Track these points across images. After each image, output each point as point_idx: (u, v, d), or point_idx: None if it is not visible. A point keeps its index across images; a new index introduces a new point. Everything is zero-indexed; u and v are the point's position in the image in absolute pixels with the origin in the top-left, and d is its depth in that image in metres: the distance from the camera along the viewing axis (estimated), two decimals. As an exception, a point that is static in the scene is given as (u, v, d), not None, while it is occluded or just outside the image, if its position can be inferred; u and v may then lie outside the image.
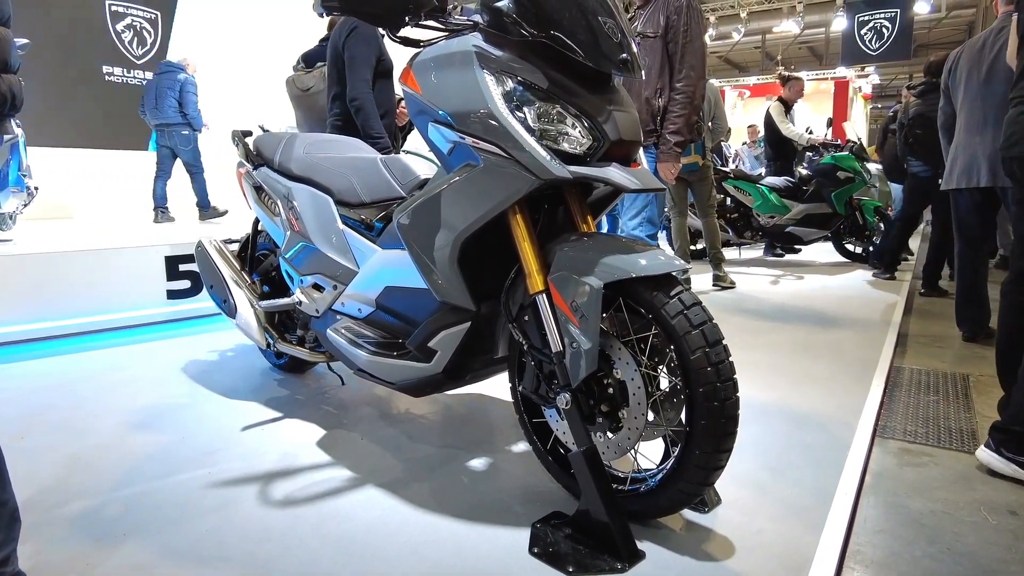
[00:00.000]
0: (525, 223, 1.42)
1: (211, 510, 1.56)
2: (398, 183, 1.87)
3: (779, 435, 2.00)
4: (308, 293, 2.00)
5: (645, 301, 1.31)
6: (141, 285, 3.53)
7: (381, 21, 1.41)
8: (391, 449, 1.91)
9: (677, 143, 2.60)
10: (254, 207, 2.31)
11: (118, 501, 1.60)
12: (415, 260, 1.51)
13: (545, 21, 1.33)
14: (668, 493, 1.34)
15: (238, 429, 2.07)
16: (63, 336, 3.22)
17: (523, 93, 1.34)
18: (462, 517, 1.51)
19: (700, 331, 1.26)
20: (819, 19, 15.03)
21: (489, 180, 1.37)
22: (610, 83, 1.45)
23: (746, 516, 1.51)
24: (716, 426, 1.25)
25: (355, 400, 2.35)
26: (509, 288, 1.51)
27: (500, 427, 2.06)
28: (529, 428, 1.60)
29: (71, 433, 2.05)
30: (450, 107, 1.40)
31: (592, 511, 1.33)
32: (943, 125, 3.34)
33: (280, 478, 1.73)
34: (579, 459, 1.33)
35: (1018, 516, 1.56)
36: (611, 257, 1.31)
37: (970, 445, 1.96)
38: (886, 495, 1.66)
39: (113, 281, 3.43)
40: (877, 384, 2.47)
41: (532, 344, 1.47)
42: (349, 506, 1.57)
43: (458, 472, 1.75)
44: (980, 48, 3.03)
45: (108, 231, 5.00)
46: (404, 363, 1.65)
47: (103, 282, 3.39)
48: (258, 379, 2.61)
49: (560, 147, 1.34)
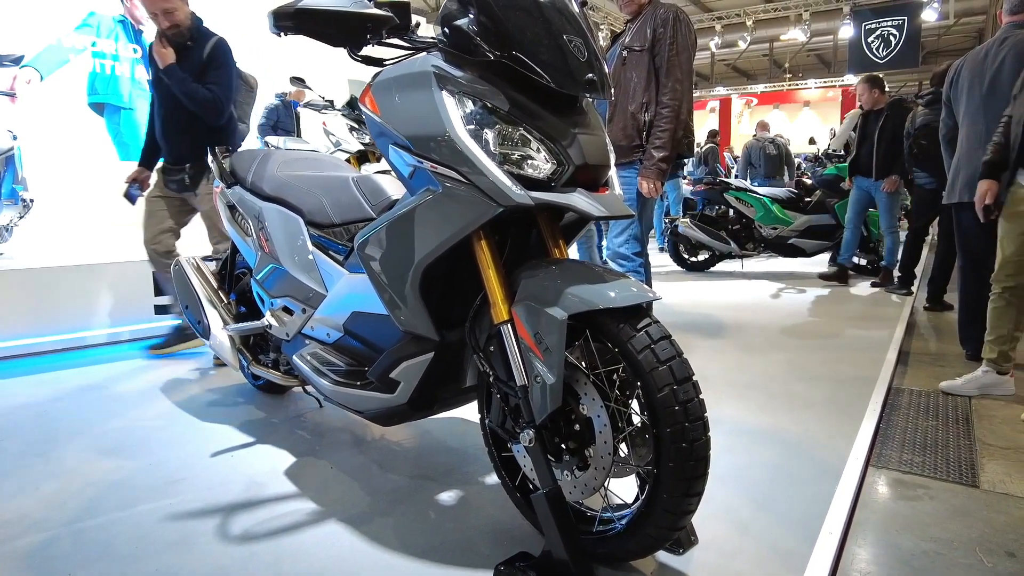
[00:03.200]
0: (490, 249, 1.35)
1: (166, 546, 1.50)
2: (368, 203, 1.81)
3: (766, 465, 1.91)
4: (278, 316, 1.95)
5: (611, 334, 1.24)
6: (127, 300, 3.49)
7: (341, 40, 1.35)
8: (360, 479, 1.84)
9: (662, 159, 2.51)
10: (227, 227, 2.26)
11: (71, 535, 1.55)
12: (375, 287, 1.45)
13: (507, 41, 1.27)
14: (637, 537, 1.27)
15: (208, 455, 2.02)
16: (45, 353, 3.18)
17: (484, 116, 1.28)
18: (423, 557, 1.44)
19: (668, 367, 1.19)
20: (826, 27, 14.93)
21: (449, 206, 1.31)
22: (577, 104, 1.38)
23: (724, 559, 1.43)
24: (684, 468, 1.18)
25: (331, 424, 2.29)
26: (474, 316, 1.44)
27: (475, 455, 1.99)
28: (498, 462, 1.53)
29: (35, 459, 2.00)
30: (408, 131, 1.34)
31: (555, 554, 1.26)
32: (945, 137, 3.26)
33: (242, 511, 1.67)
34: (541, 502, 1.26)
35: (1016, 558, 1.47)
36: (577, 287, 1.24)
37: (969, 477, 1.87)
38: (876, 532, 1.58)
39: (98, 296, 3.39)
40: (873, 408, 2.38)
41: (498, 376, 1.40)
42: (308, 543, 1.51)
43: (425, 506, 1.68)
44: (983, 59, 2.95)
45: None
46: (368, 394, 1.59)
47: (88, 297, 3.36)
48: (236, 400, 2.55)
49: (523, 172, 1.27)
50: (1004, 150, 2.51)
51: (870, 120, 5.19)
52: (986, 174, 2.54)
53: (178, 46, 2.89)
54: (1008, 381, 2.58)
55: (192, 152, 2.98)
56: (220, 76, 2.92)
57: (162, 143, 3.09)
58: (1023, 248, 2.50)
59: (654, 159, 2.52)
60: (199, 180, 3.03)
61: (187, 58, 2.89)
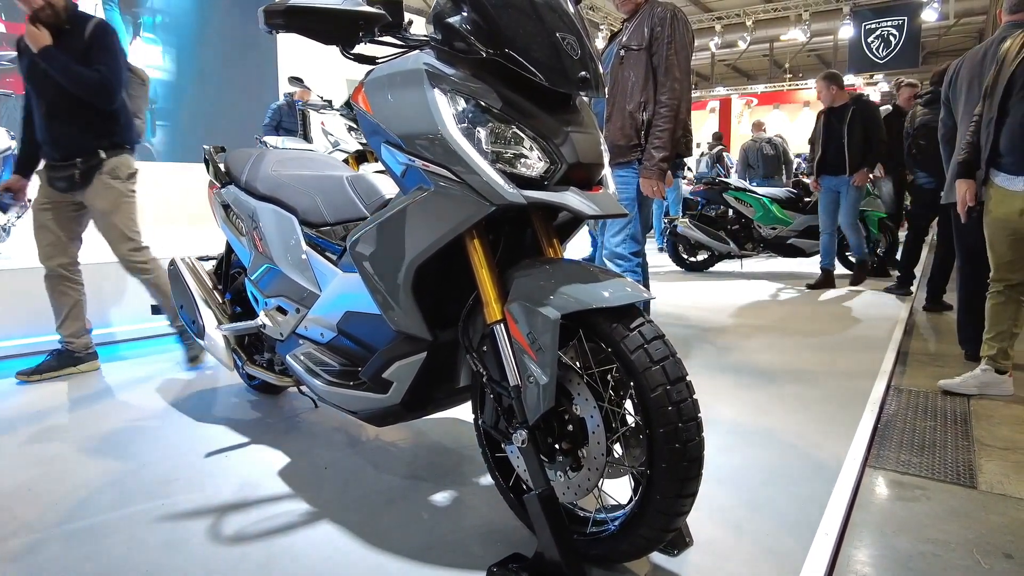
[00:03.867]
0: (483, 248, 1.34)
1: (156, 547, 1.49)
2: (362, 203, 1.80)
3: (763, 467, 1.90)
4: (272, 316, 1.94)
5: (604, 334, 1.23)
6: (124, 300, 3.48)
7: (332, 38, 1.34)
8: (354, 480, 1.83)
9: (662, 159, 2.50)
10: (222, 227, 2.25)
11: (61, 537, 1.54)
12: (368, 286, 1.44)
13: (499, 38, 1.26)
14: (630, 539, 1.26)
15: (202, 455, 2.01)
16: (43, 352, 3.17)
17: (476, 114, 1.27)
18: (416, 558, 1.43)
19: (661, 367, 1.18)
20: (826, 27, 14.91)
21: (441, 205, 1.30)
22: (570, 103, 1.37)
23: (718, 560, 1.42)
24: (677, 469, 1.16)
25: (326, 424, 2.28)
26: (467, 316, 1.43)
27: (471, 456, 1.98)
28: (491, 463, 1.52)
29: (28, 460, 1.99)
30: (400, 129, 1.33)
31: (548, 555, 1.25)
32: (944, 137, 3.25)
33: (235, 511, 1.66)
34: (534, 502, 1.25)
35: (1013, 560, 1.46)
36: (570, 286, 1.23)
37: (966, 478, 1.86)
38: (873, 533, 1.57)
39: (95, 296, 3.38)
40: (871, 408, 2.37)
41: (491, 376, 1.39)
42: (300, 544, 1.50)
43: (419, 507, 1.67)
44: (981, 59, 2.94)
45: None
46: (361, 394, 1.58)
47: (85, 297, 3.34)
48: (232, 400, 2.55)
49: (515, 170, 1.26)
50: (975, 149, 2.54)
51: (833, 118, 5.14)
52: (962, 174, 2.59)
53: (54, 29, 2.59)
54: (1007, 381, 2.57)
55: (82, 144, 2.70)
56: (106, 58, 2.63)
57: (44, 139, 2.75)
58: (1014, 247, 2.50)
59: (655, 159, 2.51)
60: (91, 176, 2.72)
61: (66, 42, 2.59)
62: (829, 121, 5.17)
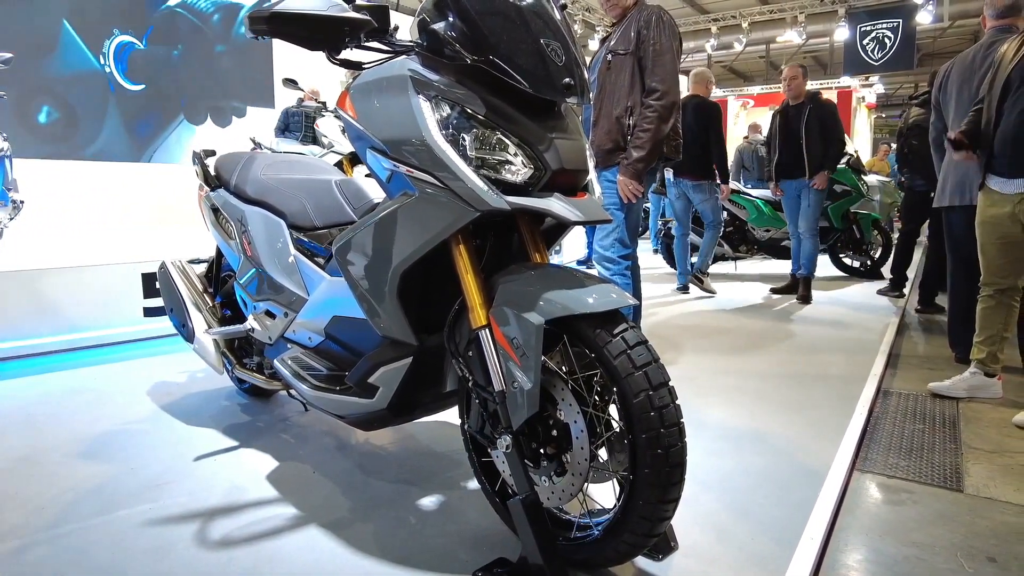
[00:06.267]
0: (468, 253, 1.35)
1: (143, 552, 1.49)
2: (351, 207, 1.80)
3: (750, 471, 1.91)
4: (261, 320, 1.94)
5: (587, 339, 1.23)
6: (117, 302, 3.48)
7: (317, 44, 1.34)
8: (342, 484, 1.83)
9: (638, 159, 2.47)
10: (211, 230, 2.25)
11: (47, 541, 1.53)
12: (354, 292, 1.44)
13: (483, 45, 1.27)
14: (614, 544, 1.26)
15: (191, 459, 2.00)
16: (33, 355, 3.17)
17: (460, 120, 1.27)
18: (402, 563, 1.43)
19: (643, 373, 1.18)
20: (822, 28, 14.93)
21: (426, 210, 1.30)
22: (554, 109, 1.38)
23: (703, 565, 1.42)
24: (660, 475, 1.17)
25: (315, 428, 2.27)
26: (453, 321, 1.43)
27: (458, 460, 1.98)
28: (478, 467, 1.52)
29: (16, 463, 1.99)
30: (385, 135, 1.33)
31: (532, 560, 1.26)
32: (935, 141, 3.25)
33: (223, 516, 1.66)
34: (517, 507, 1.26)
35: (996, 563, 1.46)
36: (554, 292, 1.24)
37: (953, 481, 1.87)
38: (858, 537, 1.57)
39: (88, 298, 3.38)
40: (860, 411, 2.38)
41: (476, 381, 1.39)
42: (287, 548, 1.50)
43: (406, 511, 1.67)
44: (970, 63, 2.95)
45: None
46: (347, 399, 1.58)
47: (77, 299, 3.34)
48: (222, 403, 2.54)
49: (500, 176, 1.27)
50: (976, 126, 2.50)
51: (791, 117, 4.83)
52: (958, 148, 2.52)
53: None
54: (996, 384, 2.58)
55: None
56: None
57: None
58: (1004, 251, 2.51)
59: (631, 158, 2.49)
60: None
61: None
62: (787, 120, 4.86)
